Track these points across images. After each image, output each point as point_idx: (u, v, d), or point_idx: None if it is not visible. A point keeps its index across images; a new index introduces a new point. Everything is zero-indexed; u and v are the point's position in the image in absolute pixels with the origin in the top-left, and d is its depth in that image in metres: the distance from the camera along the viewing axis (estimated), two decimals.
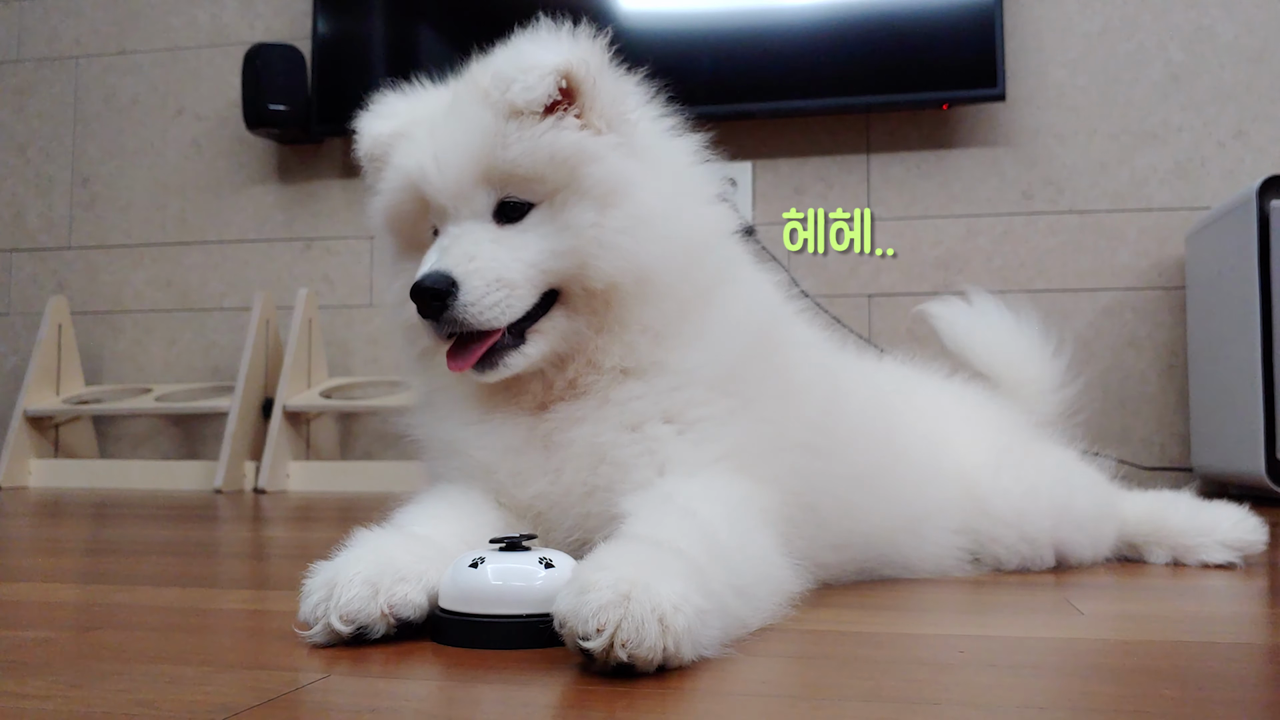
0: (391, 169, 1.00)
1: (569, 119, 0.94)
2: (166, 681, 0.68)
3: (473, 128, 0.94)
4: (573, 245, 0.93)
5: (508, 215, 0.95)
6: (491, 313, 0.91)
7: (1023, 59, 2.75)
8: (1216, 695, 0.66)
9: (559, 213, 0.94)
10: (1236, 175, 2.64)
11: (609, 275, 0.93)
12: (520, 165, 0.93)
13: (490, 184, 0.94)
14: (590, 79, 0.95)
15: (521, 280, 0.93)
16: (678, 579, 0.71)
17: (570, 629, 0.68)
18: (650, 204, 0.96)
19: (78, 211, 3.33)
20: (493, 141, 0.93)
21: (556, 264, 0.94)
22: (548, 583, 0.76)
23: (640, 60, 1.07)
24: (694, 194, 1.03)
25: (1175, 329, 2.68)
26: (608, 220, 0.94)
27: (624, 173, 0.95)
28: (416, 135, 0.99)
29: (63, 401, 3.06)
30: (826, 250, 2.84)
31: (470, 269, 0.92)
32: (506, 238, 0.94)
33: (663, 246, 0.95)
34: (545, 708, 0.64)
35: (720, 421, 0.96)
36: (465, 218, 0.95)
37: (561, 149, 0.93)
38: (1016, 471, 1.23)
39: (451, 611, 0.79)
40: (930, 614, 0.95)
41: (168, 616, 0.93)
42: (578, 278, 0.94)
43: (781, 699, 0.65)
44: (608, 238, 0.93)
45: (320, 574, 0.81)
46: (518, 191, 0.95)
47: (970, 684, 0.69)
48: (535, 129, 0.93)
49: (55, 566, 1.32)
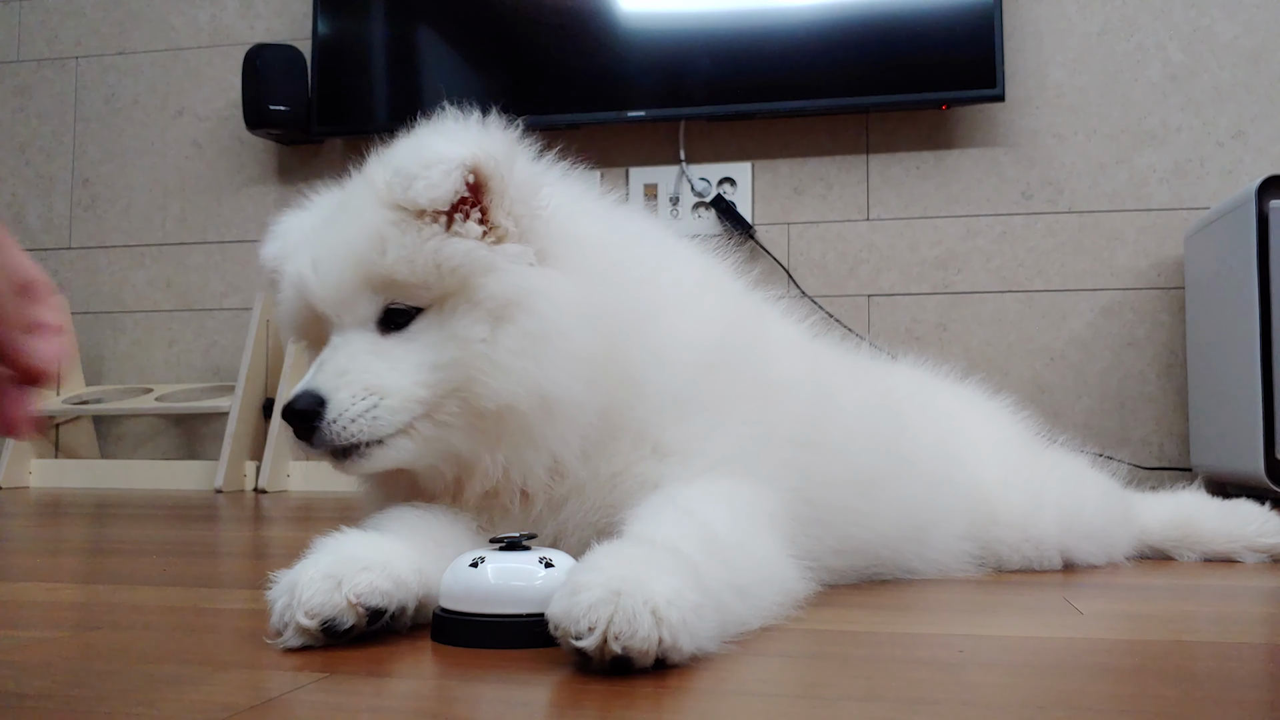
0: (283, 279, 0.95)
1: (468, 223, 0.87)
2: (166, 681, 0.68)
3: (354, 231, 0.88)
4: (457, 357, 0.87)
5: (393, 322, 0.89)
6: (357, 424, 0.86)
7: (1022, 59, 2.75)
8: (1216, 695, 0.67)
9: (447, 320, 0.88)
10: (1236, 175, 2.64)
11: (500, 397, 0.86)
12: (399, 273, 0.87)
13: (374, 289, 0.88)
14: (499, 175, 0.88)
15: (394, 389, 0.87)
16: (671, 574, 0.71)
17: (564, 630, 0.68)
18: (554, 319, 0.88)
19: (78, 212, 3.33)
20: (376, 247, 0.87)
21: (439, 376, 0.87)
22: (547, 582, 0.77)
23: (640, 60, 1.06)
24: (620, 274, 0.95)
25: (1174, 329, 2.68)
26: (501, 338, 0.87)
27: (524, 285, 0.88)
28: (303, 243, 0.94)
29: (63, 401, 3.06)
30: (825, 250, 2.84)
31: (340, 383, 0.87)
32: (387, 348, 0.88)
33: (570, 365, 0.88)
34: (544, 706, 0.64)
35: (702, 436, 0.93)
36: (348, 326, 0.89)
37: (453, 258, 0.86)
38: (1025, 482, 1.23)
39: (451, 611, 0.79)
40: (930, 614, 0.95)
41: (168, 616, 0.93)
42: (461, 394, 0.87)
43: (781, 698, 0.65)
44: (500, 358, 0.86)
45: (282, 580, 0.79)
46: (403, 297, 0.88)
47: (970, 684, 0.69)
48: (431, 236, 0.86)
49: (55, 566, 1.32)
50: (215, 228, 3.21)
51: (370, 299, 0.89)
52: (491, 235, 0.88)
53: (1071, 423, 2.64)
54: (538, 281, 0.89)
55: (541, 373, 0.87)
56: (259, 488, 2.78)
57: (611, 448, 0.92)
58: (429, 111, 0.94)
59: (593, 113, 2.85)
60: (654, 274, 0.99)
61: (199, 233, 3.23)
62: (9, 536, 1.73)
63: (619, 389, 0.91)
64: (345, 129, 3.04)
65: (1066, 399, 2.69)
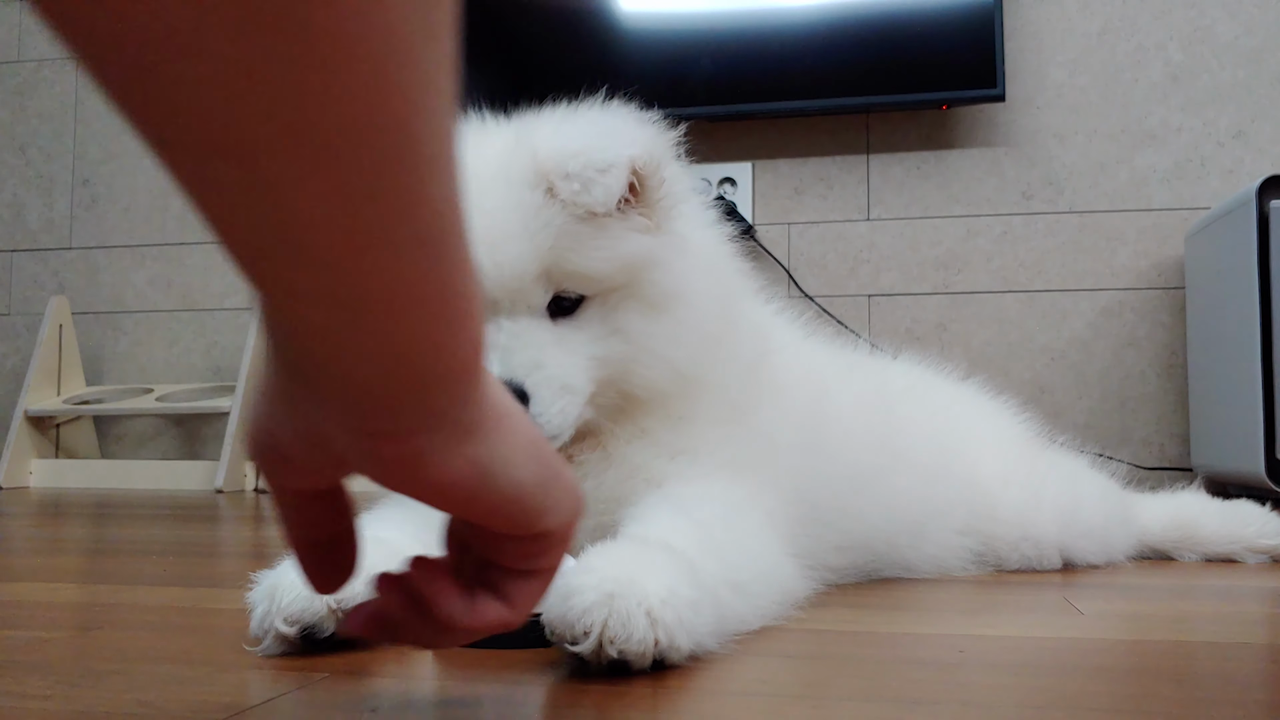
0: None
1: (635, 218, 0.89)
2: (167, 681, 0.68)
3: (540, 223, 0.87)
4: (624, 352, 0.90)
5: (560, 308, 0.90)
6: (558, 421, 0.87)
7: (1022, 59, 2.75)
8: (1216, 695, 0.67)
9: (611, 313, 0.90)
10: (1236, 175, 2.64)
11: (655, 385, 0.91)
12: (592, 270, 0.88)
13: (549, 281, 0.89)
14: (658, 175, 0.90)
15: (582, 386, 0.89)
16: (665, 572, 0.70)
17: (559, 635, 0.68)
18: (701, 309, 0.93)
19: (78, 212, 3.33)
20: (564, 243, 0.87)
21: (604, 371, 0.90)
22: None
23: (640, 60, 1.07)
24: (732, 286, 1.00)
25: (1175, 329, 2.68)
26: (659, 329, 0.90)
27: (682, 277, 0.92)
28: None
29: (63, 401, 3.06)
30: (826, 250, 2.84)
31: (540, 379, 0.86)
32: (565, 337, 0.89)
33: (708, 351, 0.93)
34: (541, 707, 0.64)
35: (716, 443, 0.95)
36: (520, 313, 0.89)
37: (635, 255, 0.89)
38: (1024, 480, 1.23)
39: None
40: (930, 614, 0.95)
41: (168, 616, 0.94)
42: (617, 383, 0.90)
43: (780, 698, 0.65)
44: (660, 348, 0.90)
45: (262, 584, 0.77)
46: (574, 286, 0.90)
47: (970, 684, 0.69)
48: (609, 232, 0.88)
49: (55, 566, 1.32)
50: None
51: (545, 288, 0.89)
52: (652, 229, 0.91)
53: (1072, 423, 2.65)
54: (690, 274, 0.93)
55: (689, 358, 0.92)
56: (259, 488, 2.78)
57: (651, 433, 0.95)
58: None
59: None
60: (736, 278, 1.03)
61: (199, 233, 3.23)
62: (9, 536, 1.73)
63: (709, 378, 0.95)
64: None
65: (1067, 399, 2.69)
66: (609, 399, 0.92)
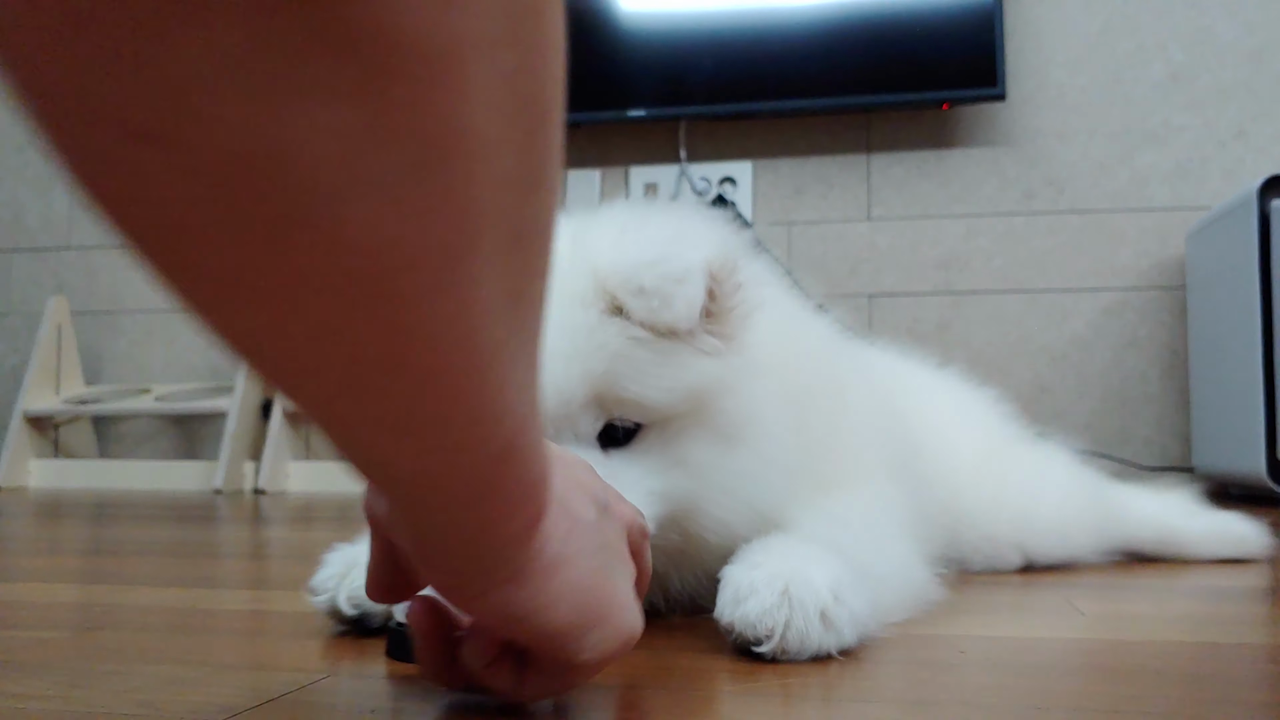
0: None
1: (704, 337, 0.77)
2: (167, 682, 0.68)
3: (595, 344, 0.75)
4: (689, 488, 0.78)
5: (613, 438, 0.79)
6: None
7: (1023, 59, 2.75)
8: (1216, 695, 0.66)
9: (672, 442, 0.78)
10: (1237, 175, 2.64)
11: (730, 527, 0.79)
12: (651, 399, 0.76)
13: (600, 408, 0.77)
14: (732, 279, 0.78)
15: None
16: (829, 565, 0.73)
17: (740, 636, 0.71)
18: (778, 437, 0.81)
19: (77, 211, 3.33)
20: (621, 368, 0.75)
21: (666, 508, 0.78)
22: None
23: (640, 60, 1.04)
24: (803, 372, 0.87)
25: (1175, 329, 2.68)
26: (731, 462, 0.79)
27: (755, 402, 0.80)
28: None
29: (62, 401, 3.06)
30: (826, 250, 2.84)
31: None
32: (618, 471, 0.76)
33: (787, 481, 0.81)
34: (543, 706, 0.64)
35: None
36: (566, 440, 0.78)
37: (700, 383, 0.77)
38: (989, 475, 1.21)
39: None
40: (930, 614, 0.95)
41: (168, 616, 0.93)
42: (681, 522, 0.79)
43: (780, 698, 0.64)
44: (731, 483, 0.79)
45: (342, 553, 0.83)
46: (630, 415, 0.78)
47: (970, 684, 0.69)
48: (675, 355, 0.76)
49: (55, 566, 1.32)
50: None
51: (595, 416, 0.77)
52: (721, 346, 0.79)
53: (1073, 422, 2.64)
54: (763, 395, 0.81)
55: (770, 497, 0.81)
56: (258, 488, 2.78)
57: None
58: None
59: (593, 112, 2.85)
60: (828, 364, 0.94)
61: None
62: (9, 536, 1.73)
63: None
64: None
65: (1068, 399, 2.69)
66: (670, 541, 0.80)
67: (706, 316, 0.77)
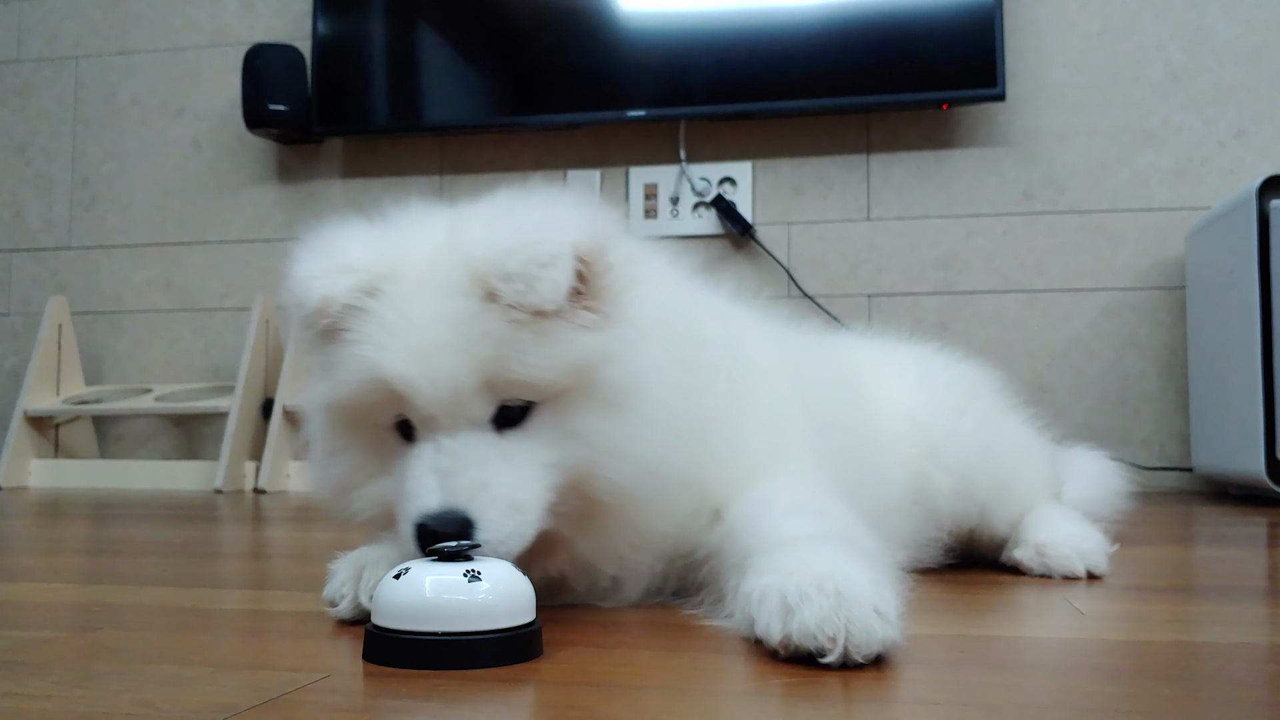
0: (354, 359, 0.82)
1: (582, 314, 0.82)
2: (167, 681, 0.68)
3: (477, 333, 0.79)
4: (583, 457, 0.82)
5: (506, 419, 0.82)
6: (508, 544, 0.79)
7: (1022, 59, 2.75)
8: (1216, 695, 0.66)
9: (564, 416, 0.82)
10: (1236, 175, 2.64)
11: (622, 488, 0.83)
12: (537, 376, 0.80)
13: (492, 392, 0.81)
14: (604, 260, 0.83)
15: (535, 501, 0.81)
16: (857, 560, 0.74)
17: (799, 648, 0.70)
18: (663, 399, 0.85)
19: (78, 212, 3.33)
20: (505, 352, 0.79)
21: (564, 477, 0.82)
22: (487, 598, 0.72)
23: (640, 60, 1.03)
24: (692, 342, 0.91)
25: (1175, 329, 2.68)
26: (618, 426, 0.82)
27: (638, 369, 0.84)
28: (390, 322, 0.81)
29: (63, 401, 3.06)
30: (826, 250, 2.84)
31: (485, 500, 0.79)
32: (513, 450, 0.81)
33: (674, 441, 0.85)
34: (529, 705, 0.64)
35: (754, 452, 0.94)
36: (461, 429, 0.81)
37: (582, 356, 0.81)
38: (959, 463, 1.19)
39: (392, 630, 0.72)
40: (930, 614, 0.95)
41: (168, 616, 0.93)
42: (579, 488, 0.83)
43: (780, 698, 0.64)
44: (620, 447, 0.82)
45: (347, 559, 0.87)
46: (521, 395, 0.82)
47: (970, 684, 0.69)
48: (553, 335, 0.80)
49: (55, 566, 1.32)
50: (215, 227, 3.22)
51: (488, 400, 0.81)
52: (601, 322, 0.83)
53: (1072, 422, 2.64)
54: (645, 363, 0.85)
55: (659, 455, 0.84)
56: (258, 488, 2.78)
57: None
58: (427, 110, 0.90)
59: (593, 112, 2.85)
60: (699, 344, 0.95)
61: (199, 233, 3.23)
62: (9, 536, 1.73)
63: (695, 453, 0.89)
64: (345, 129, 3.04)
65: (1067, 399, 2.69)
66: (572, 505, 0.84)
67: (579, 296, 0.81)
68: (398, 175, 3.10)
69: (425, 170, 3.08)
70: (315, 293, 0.84)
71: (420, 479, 0.81)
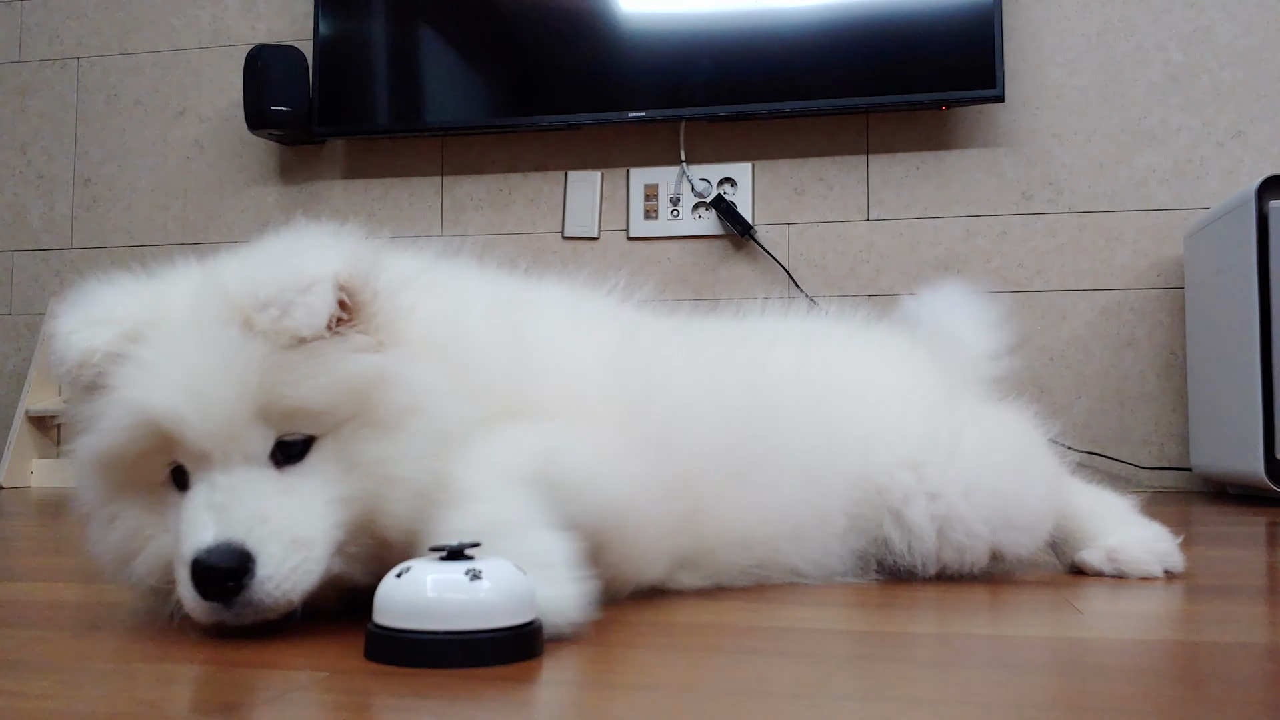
0: (118, 403, 0.79)
1: (355, 337, 0.80)
2: (167, 681, 0.68)
3: (241, 361, 0.77)
4: (364, 487, 0.80)
5: (286, 454, 0.80)
6: (293, 580, 0.76)
7: (1021, 60, 2.75)
8: (1217, 695, 0.67)
9: (345, 446, 0.80)
10: (1235, 175, 2.64)
11: (403, 518, 0.80)
12: (314, 401, 0.78)
13: (267, 423, 0.79)
14: (369, 287, 0.81)
15: (320, 536, 0.79)
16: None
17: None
18: (444, 412, 0.82)
19: (79, 212, 3.33)
20: (274, 378, 0.77)
21: (349, 514, 0.80)
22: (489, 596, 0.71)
23: (640, 60, 1.03)
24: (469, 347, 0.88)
25: (1174, 329, 2.68)
26: (394, 448, 0.80)
27: (418, 387, 0.82)
28: (151, 361, 0.79)
29: (64, 401, 3.06)
30: (825, 250, 2.84)
31: (265, 533, 0.76)
32: (294, 485, 0.79)
33: (446, 448, 0.82)
34: (546, 705, 0.64)
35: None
36: (235, 464, 0.78)
37: (357, 376, 0.79)
38: (945, 467, 1.07)
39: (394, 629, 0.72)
40: (930, 614, 0.95)
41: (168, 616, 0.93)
42: (369, 527, 0.81)
43: (779, 698, 0.65)
44: (397, 471, 0.80)
45: None
46: (300, 426, 0.80)
47: (970, 684, 0.69)
48: (324, 357, 0.78)
49: (55, 566, 1.32)
50: (217, 228, 3.22)
51: (263, 433, 0.79)
52: (377, 346, 0.82)
53: (1071, 422, 2.65)
54: (425, 379, 0.82)
55: (431, 472, 0.80)
56: None
57: None
58: (429, 111, 0.90)
59: (593, 113, 2.85)
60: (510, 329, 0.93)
61: (200, 233, 3.23)
62: (10, 536, 1.73)
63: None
64: (347, 129, 3.04)
65: (1066, 399, 2.69)
66: (364, 546, 0.82)
67: (346, 323, 0.80)
68: (399, 176, 3.10)
69: (426, 171, 3.08)
70: (76, 346, 0.82)
71: (194, 518, 0.77)
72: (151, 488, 0.83)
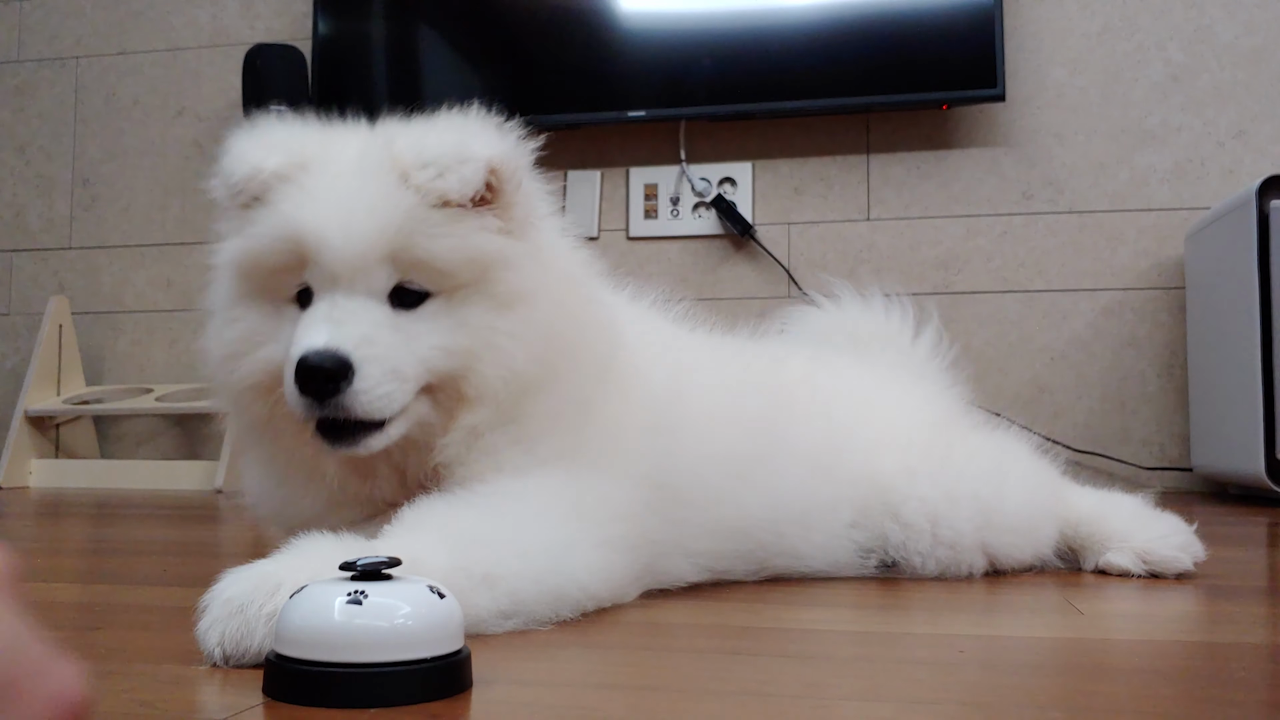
0: (273, 214, 0.90)
1: (489, 218, 0.90)
2: (167, 681, 0.68)
3: (390, 204, 0.88)
4: (467, 346, 0.89)
5: (402, 300, 0.89)
6: (380, 404, 0.85)
7: (1022, 59, 2.75)
8: (1216, 695, 0.67)
9: (457, 308, 0.90)
10: (1236, 175, 2.64)
11: (491, 382, 0.90)
12: (440, 259, 0.88)
13: (395, 265, 0.88)
14: (515, 180, 0.92)
15: (412, 375, 0.88)
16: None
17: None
18: (549, 312, 0.93)
19: (78, 212, 3.33)
20: (414, 226, 0.87)
21: (445, 363, 0.89)
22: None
23: (640, 60, 1.07)
24: (583, 300, 0.99)
25: (1175, 329, 2.68)
26: (505, 323, 0.90)
27: (533, 280, 0.92)
28: (312, 187, 0.89)
29: (63, 401, 3.06)
30: (826, 250, 2.84)
31: (369, 354, 0.85)
32: (403, 325, 0.88)
33: (551, 353, 0.92)
34: (548, 707, 0.64)
35: (553, 429, 0.94)
36: (359, 292, 0.88)
37: (486, 251, 0.90)
38: (935, 474, 1.14)
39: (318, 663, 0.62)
40: (930, 614, 0.95)
41: (168, 616, 0.93)
42: (457, 378, 0.90)
43: (781, 698, 0.65)
44: (502, 342, 0.90)
45: (229, 583, 0.77)
46: (420, 279, 0.89)
47: (970, 684, 0.69)
48: (462, 225, 0.89)
49: (55, 566, 1.32)
50: None
51: (389, 273, 0.88)
52: (508, 233, 0.91)
53: (1072, 423, 2.65)
54: (541, 277, 0.93)
55: (531, 357, 0.91)
56: None
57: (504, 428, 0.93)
58: (428, 110, 0.95)
59: (593, 113, 2.85)
60: (590, 285, 1.03)
61: (199, 233, 3.23)
62: (10, 536, 1.73)
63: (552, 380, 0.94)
64: None
65: (1067, 399, 2.69)
66: (447, 395, 0.91)
67: (487, 204, 0.90)
68: None
69: None
70: (248, 162, 0.92)
71: (311, 325, 0.86)
72: (275, 303, 0.93)
